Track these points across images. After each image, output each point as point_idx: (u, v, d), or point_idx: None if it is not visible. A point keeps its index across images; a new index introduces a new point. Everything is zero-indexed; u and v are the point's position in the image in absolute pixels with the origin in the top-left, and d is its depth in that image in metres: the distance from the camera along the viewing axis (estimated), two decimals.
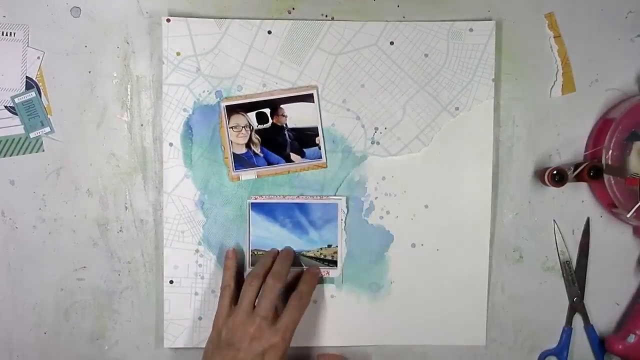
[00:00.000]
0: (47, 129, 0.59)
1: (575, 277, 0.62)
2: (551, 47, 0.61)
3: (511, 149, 0.61)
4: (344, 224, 0.60)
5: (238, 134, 0.59)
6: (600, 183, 0.58)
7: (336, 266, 0.51)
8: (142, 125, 0.60)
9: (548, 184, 0.59)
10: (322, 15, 0.60)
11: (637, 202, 0.57)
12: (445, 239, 0.61)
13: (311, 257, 0.51)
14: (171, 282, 0.60)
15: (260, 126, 0.59)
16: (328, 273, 0.58)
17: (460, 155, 0.61)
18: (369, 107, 0.60)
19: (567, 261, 0.62)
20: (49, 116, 0.59)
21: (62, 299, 0.60)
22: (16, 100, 0.59)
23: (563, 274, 0.62)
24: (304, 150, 0.59)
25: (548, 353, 0.63)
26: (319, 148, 0.59)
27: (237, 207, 0.60)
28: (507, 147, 0.61)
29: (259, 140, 0.59)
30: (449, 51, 0.60)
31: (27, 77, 0.59)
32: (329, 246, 0.60)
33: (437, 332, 0.61)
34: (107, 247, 0.60)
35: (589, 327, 0.62)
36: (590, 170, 0.58)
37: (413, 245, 0.61)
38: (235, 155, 0.59)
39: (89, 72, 0.59)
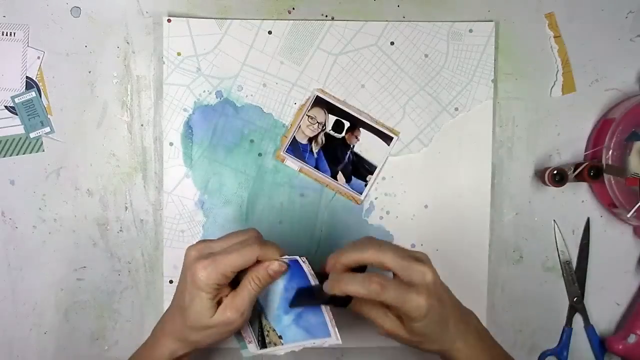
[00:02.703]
0: (47, 129, 0.59)
1: (575, 277, 0.62)
2: (551, 47, 0.61)
3: (511, 149, 0.61)
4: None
5: (310, 125, 0.59)
6: (600, 183, 0.58)
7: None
8: (142, 125, 0.60)
9: (548, 184, 0.59)
10: (322, 15, 0.60)
11: (637, 202, 0.57)
12: (445, 239, 0.61)
13: None
14: (171, 282, 0.60)
15: (332, 132, 0.59)
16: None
17: (460, 155, 0.60)
18: (369, 107, 0.60)
19: (567, 261, 0.62)
20: (49, 116, 0.59)
21: (62, 299, 0.60)
22: (16, 100, 0.59)
23: (563, 274, 0.62)
24: (352, 177, 0.60)
25: (548, 353, 0.63)
26: (365, 185, 0.60)
27: (237, 207, 0.60)
28: (507, 147, 0.61)
29: (322, 141, 0.59)
30: (448, 52, 0.60)
31: (27, 77, 0.59)
32: None
33: None
34: (107, 247, 0.60)
35: (589, 327, 0.62)
36: (590, 170, 0.58)
37: (413, 246, 0.60)
38: (294, 140, 0.59)
39: (89, 72, 0.59)
